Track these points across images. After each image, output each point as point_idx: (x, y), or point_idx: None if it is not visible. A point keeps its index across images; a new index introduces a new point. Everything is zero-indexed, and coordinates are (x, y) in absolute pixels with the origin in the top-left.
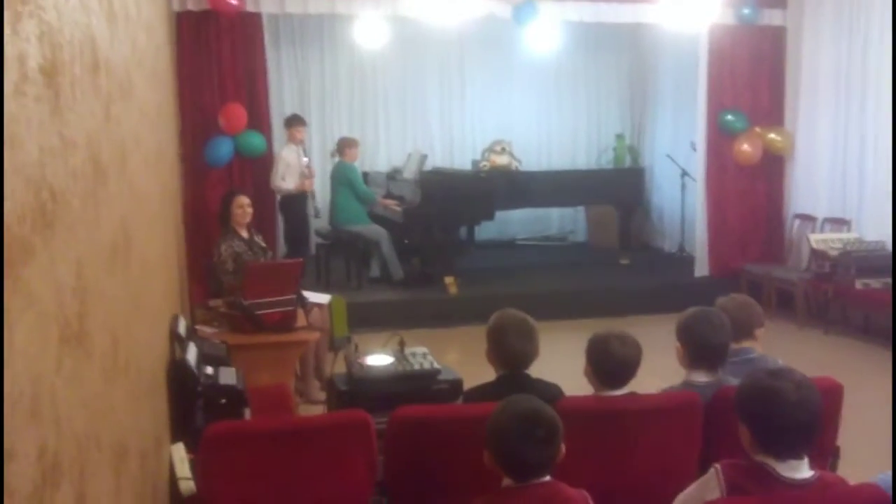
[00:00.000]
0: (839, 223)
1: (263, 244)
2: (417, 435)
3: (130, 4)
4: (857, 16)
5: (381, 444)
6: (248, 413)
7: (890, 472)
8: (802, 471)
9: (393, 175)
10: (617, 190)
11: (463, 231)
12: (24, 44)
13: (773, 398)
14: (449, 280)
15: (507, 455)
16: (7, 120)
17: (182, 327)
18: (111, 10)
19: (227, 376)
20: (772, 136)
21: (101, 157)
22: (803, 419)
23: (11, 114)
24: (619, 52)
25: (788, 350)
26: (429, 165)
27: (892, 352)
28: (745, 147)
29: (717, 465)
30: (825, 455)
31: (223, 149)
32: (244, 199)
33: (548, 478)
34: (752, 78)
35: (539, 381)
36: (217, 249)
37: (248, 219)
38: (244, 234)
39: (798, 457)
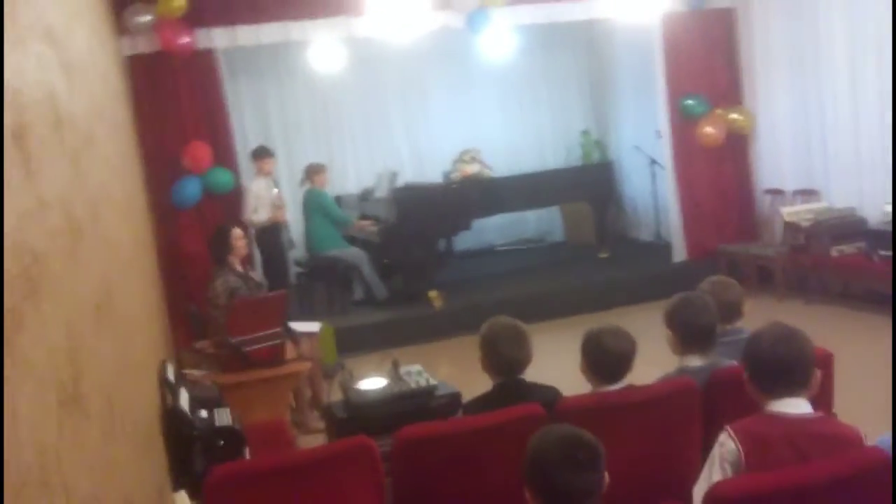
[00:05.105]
0: (809, 194)
1: (258, 279)
2: (423, 453)
3: (85, 54)
4: None
5: (386, 467)
6: (247, 452)
7: (886, 435)
8: (803, 407)
9: (365, 196)
10: (588, 186)
11: (441, 243)
12: None
13: (756, 338)
14: (433, 294)
15: (550, 486)
16: None
17: (171, 373)
18: (68, 63)
19: (223, 417)
20: (733, 115)
21: (75, 214)
22: (784, 353)
23: None
24: (576, 49)
25: None
26: (400, 182)
27: (892, 318)
28: (709, 129)
29: (726, 426)
30: None
31: (191, 189)
32: (239, 231)
33: None
34: (708, 61)
35: (536, 386)
36: (211, 284)
37: (245, 251)
38: (239, 268)
39: (792, 393)
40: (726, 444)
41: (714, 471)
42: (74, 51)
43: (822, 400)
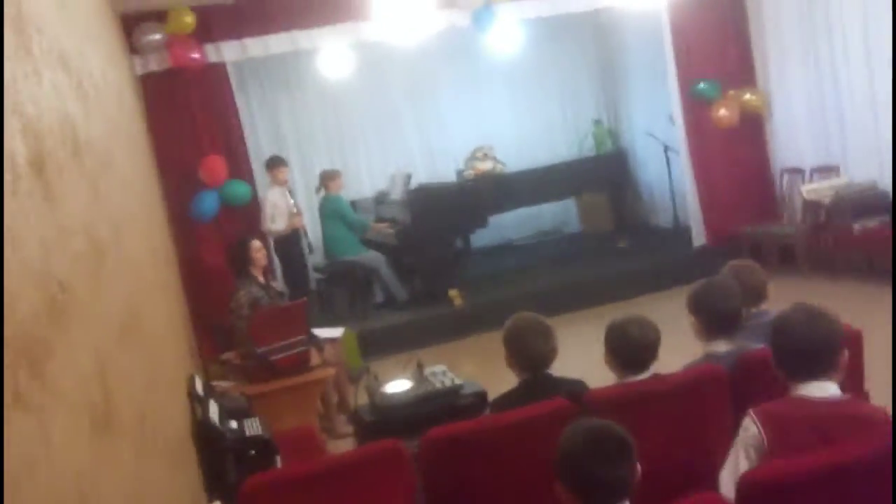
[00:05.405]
0: (828, 171)
1: (280, 289)
2: (452, 453)
3: (98, 78)
4: None
5: (415, 468)
6: (278, 460)
7: None
8: (829, 390)
9: (380, 199)
10: (603, 175)
11: (459, 242)
12: (10, 141)
13: (781, 322)
14: (453, 293)
15: (582, 481)
16: (8, 220)
17: (199, 387)
18: (81, 88)
19: (253, 427)
20: (747, 96)
21: (97, 237)
22: (810, 337)
23: (11, 213)
24: (583, 39)
25: None
26: (414, 183)
27: (892, 292)
28: (722, 112)
29: (749, 410)
30: None
31: (208, 202)
32: (257, 243)
33: None
34: (718, 43)
35: (563, 380)
36: (234, 296)
37: (265, 262)
38: (261, 279)
39: (818, 377)
40: (749, 429)
41: (739, 456)
42: (88, 74)
43: (852, 379)
